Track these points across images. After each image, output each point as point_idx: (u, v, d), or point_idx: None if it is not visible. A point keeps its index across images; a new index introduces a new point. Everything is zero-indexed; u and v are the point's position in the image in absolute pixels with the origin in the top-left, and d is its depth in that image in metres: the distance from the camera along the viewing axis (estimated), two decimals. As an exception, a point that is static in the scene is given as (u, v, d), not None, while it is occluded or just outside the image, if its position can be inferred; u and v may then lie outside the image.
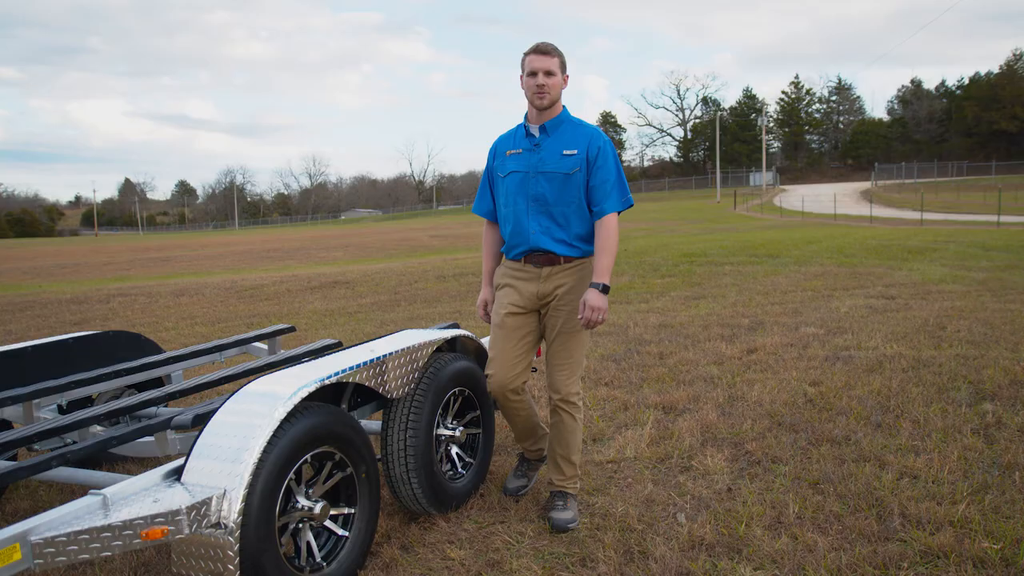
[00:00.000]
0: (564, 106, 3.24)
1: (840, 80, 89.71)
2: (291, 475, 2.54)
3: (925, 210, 28.87)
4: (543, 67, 3.09)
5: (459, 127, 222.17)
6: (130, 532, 2.13)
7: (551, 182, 3.14)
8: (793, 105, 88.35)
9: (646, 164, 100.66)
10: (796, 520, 3.11)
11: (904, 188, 51.80)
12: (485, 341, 4.07)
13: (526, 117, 3.25)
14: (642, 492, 3.49)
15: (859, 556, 2.79)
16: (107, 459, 4.20)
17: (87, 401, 4.11)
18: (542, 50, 3.10)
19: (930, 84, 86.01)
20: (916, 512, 3.10)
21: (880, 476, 3.49)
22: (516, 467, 3.64)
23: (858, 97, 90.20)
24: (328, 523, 2.76)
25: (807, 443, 3.99)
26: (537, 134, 3.18)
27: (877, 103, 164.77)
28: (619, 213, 3.17)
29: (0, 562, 1.98)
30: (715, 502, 3.34)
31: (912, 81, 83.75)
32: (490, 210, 3.44)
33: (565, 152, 3.13)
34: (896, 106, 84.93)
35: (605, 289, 3.06)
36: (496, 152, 3.35)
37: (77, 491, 3.77)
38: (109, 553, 2.12)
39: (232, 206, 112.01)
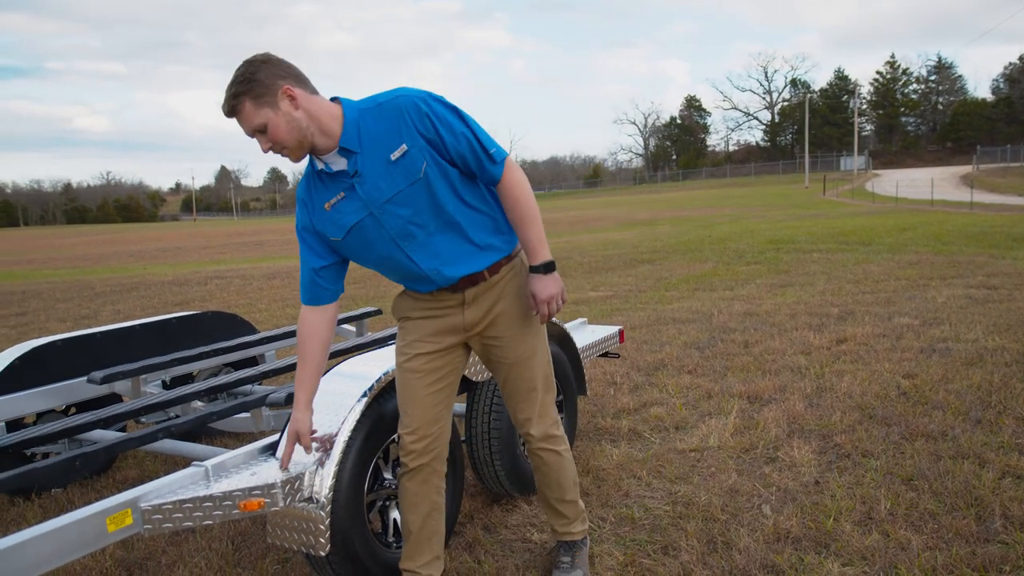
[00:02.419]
0: (342, 100, 2.17)
1: (940, 59, 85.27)
2: (379, 454, 2.62)
3: (1033, 195, 27.18)
4: (248, 128, 2.08)
5: (540, 113, 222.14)
6: (229, 503, 2.24)
7: (407, 204, 2.15)
8: (888, 86, 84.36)
9: (731, 148, 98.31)
10: (888, 517, 3.02)
11: (1009, 172, 48.87)
12: (570, 326, 4.06)
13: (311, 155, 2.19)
14: (726, 482, 3.44)
15: (956, 557, 2.68)
16: (205, 433, 4.41)
17: (188, 377, 4.34)
18: (228, 111, 2.08)
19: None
20: (1020, 514, 2.95)
21: (980, 474, 3.34)
22: None
23: (959, 76, 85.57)
24: (414, 501, 2.83)
25: (900, 437, 3.85)
26: (345, 163, 2.14)
27: (981, 82, 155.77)
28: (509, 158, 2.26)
29: (115, 525, 2.12)
30: (802, 495, 3.27)
31: (1020, 58, 78.97)
32: (313, 292, 2.32)
33: (393, 156, 2.11)
34: (1002, 85, 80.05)
35: (548, 267, 2.27)
36: (310, 207, 2.24)
37: (179, 462, 3.98)
38: (210, 522, 2.24)
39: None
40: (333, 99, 2.17)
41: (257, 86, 2.03)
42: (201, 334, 4.37)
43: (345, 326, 4.80)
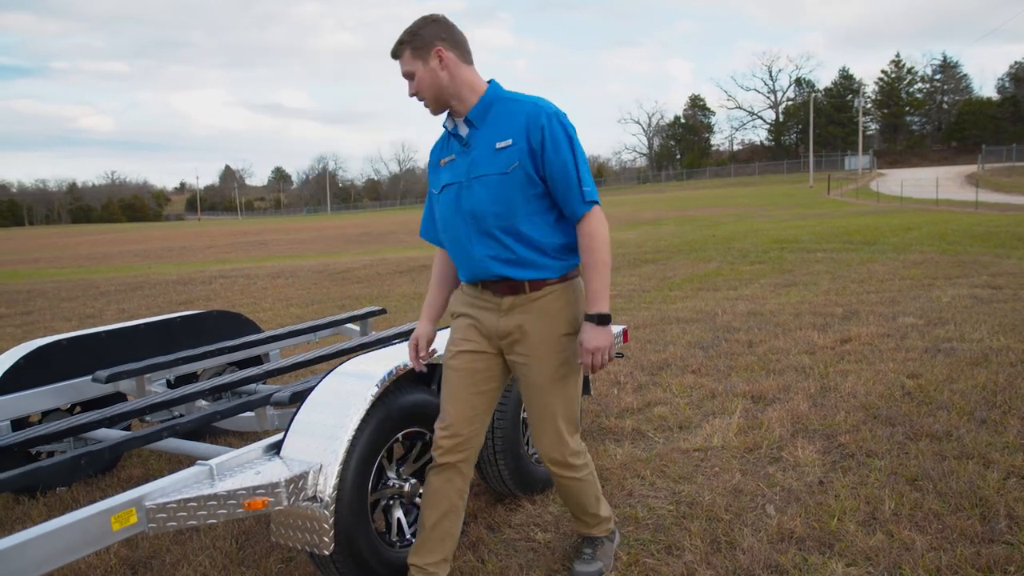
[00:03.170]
0: (491, 81, 2.43)
1: (945, 57, 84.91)
2: (383, 453, 2.62)
3: (1039, 195, 27.07)
4: (402, 71, 2.37)
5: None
6: (234, 502, 2.25)
7: (487, 187, 2.33)
8: (893, 85, 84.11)
9: (736, 148, 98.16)
10: (892, 517, 3.01)
11: (1015, 171, 48.69)
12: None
13: (449, 114, 2.45)
14: (730, 482, 3.44)
15: (961, 557, 2.68)
16: (209, 432, 4.42)
17: (192, 377, 4.34)
18: (392, 54, 2.39)
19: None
20: (1024, 513, 2.95)
21: (984, 475, 3.33)
22: None
23: (965, 75, 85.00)
24: (418, 501, 2.83)
25: (904, 437, 3.84)
26: (465, 132, 2.39)
27: (986, 81, 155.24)
28: (599, 206, 2.37)
29: (119, 524, 2.12)
30: (806, 495, 3.26)
31: (1026, 57, 78.53)
32: (437, 235, 2.65)
33: (498, 145, 2.32)
34: (1008, 84, 79.74)
35: (602, 320, 2.32)
36: (431, 162, 2.56)
37: (184, 461, 3.98)
38: (214, 521, 2.24)
39: (325, 192, 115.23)
40: (490, 81, 2.43)
41: (417, 40, 2.33)
42: (205, 333, 4.38)
43: (349, 325, 4.80)
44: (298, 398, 2.96)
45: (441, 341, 2.90)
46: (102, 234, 51.50)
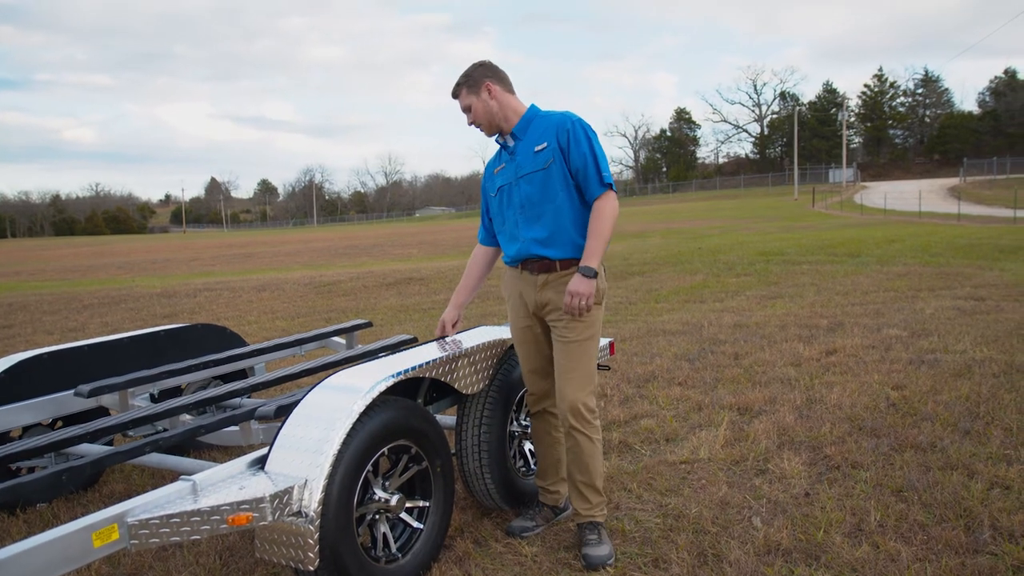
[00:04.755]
0: (531, 105, 3.07)
1: (927, 72, 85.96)
2: (369, 467, 2.60)
3: (1019, 207, 27.44)
4: (461, 106, 3.02)
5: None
6: (217, 517, 2.23)
7: (531, 183, 2.94)
8: (876, 99, 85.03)
9: (721, 161, 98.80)
10: (878, 528, 3.02)
11: (996, 184, 49.28)
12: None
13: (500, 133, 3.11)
14: (716, 494, 3.44)
15: (946, 568, 2.69)
16: (194, 446, 4.38)
17: (176, 391, 4.30)
18: (452, 94, 3.03)
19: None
20: (1009, 524, 2.97)
21: (969, 485, 3.35)
22: (529, 507, 3.30)
23: (946, 89, 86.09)
24: (403, 515, 2.81)
25: (889, 449, 3.86)
26: (511, 143, 3.03)
27: (967, 95, 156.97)
28: (613, 191, 2.89)
29: (100, 540, 2.09)
30: (792, 507, 3.27)
31: (1006, 71, 79.53)
32: (484, 236, 3.33)
33: (536, 149, 2.93)
34: (988, 98, 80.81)
35: (588, 272, 2.81)
36: (487, 174, 3.21)
37: (167, 476, 3.94)
38: (198, 536, 2.22)
39: (311, 204, 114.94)
40: (530, 105, 3.07)
41: (470, 79, 2.99)
42: (190, 347, 4.35)
43: (335, 339, 4.78)
44: (283, 412, 2.93)
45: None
46: (85, 247, 51.10)
